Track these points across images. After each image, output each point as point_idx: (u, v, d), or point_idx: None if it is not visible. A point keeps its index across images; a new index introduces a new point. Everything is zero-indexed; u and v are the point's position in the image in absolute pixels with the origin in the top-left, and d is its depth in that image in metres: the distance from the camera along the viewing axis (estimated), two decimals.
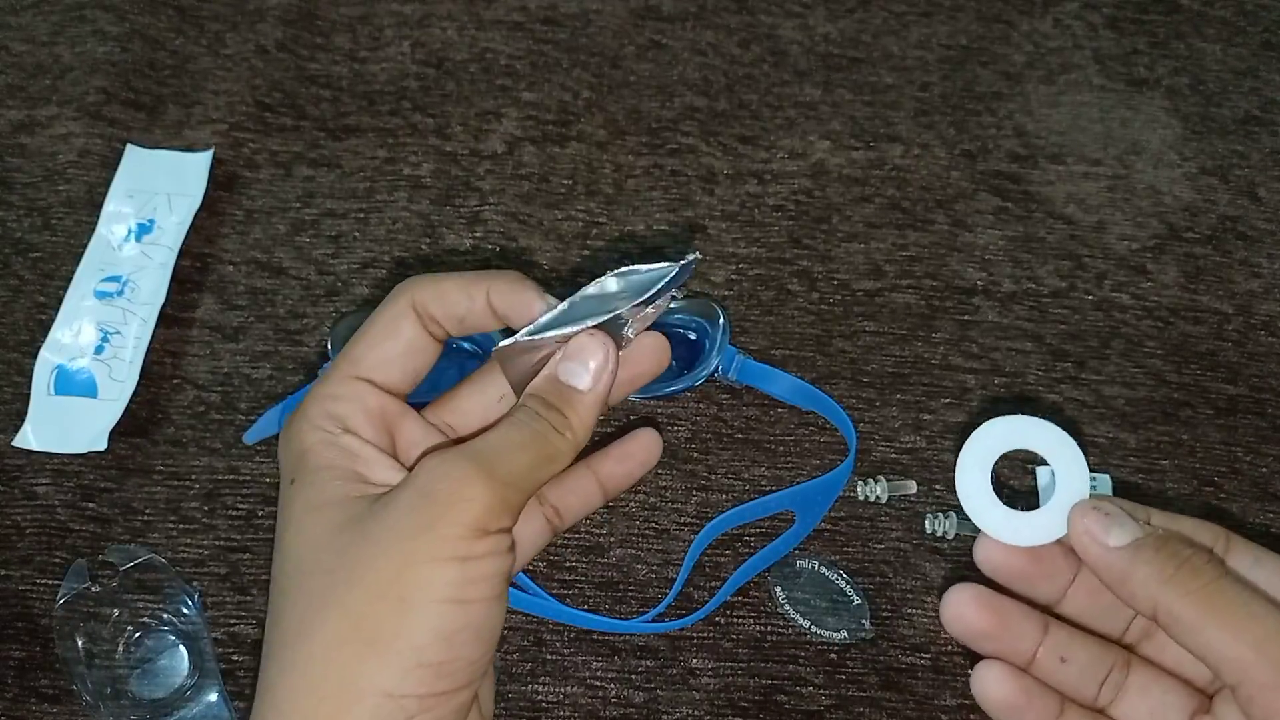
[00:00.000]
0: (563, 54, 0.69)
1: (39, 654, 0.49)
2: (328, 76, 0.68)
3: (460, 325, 0.34)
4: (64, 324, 0.57)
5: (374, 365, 0.33)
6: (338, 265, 0.60)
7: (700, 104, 0.67)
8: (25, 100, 0.65)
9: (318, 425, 0.32)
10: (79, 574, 0.50)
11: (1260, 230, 0.64)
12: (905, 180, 0.65)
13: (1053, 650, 0.33)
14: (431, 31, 0.70)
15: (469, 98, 0.67)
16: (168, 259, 0.59)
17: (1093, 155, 0.66)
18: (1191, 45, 0.72)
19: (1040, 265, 0.62)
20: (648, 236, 0.62)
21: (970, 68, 0.70)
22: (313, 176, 0.63)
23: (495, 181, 0.64)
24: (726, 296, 0.60)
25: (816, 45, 0.70)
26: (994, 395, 0.57)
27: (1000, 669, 0.33)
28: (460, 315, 0.33)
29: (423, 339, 0.33)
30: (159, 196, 0.61)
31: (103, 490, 0.53)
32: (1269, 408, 0.57)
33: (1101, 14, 0.73)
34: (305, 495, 0.31)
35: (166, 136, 0.64)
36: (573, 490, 0.39)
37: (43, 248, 0.60)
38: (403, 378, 0.33)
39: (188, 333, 0.58)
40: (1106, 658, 0.34)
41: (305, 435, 0.32)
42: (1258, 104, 0.69)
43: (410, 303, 0.33)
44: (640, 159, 0.65)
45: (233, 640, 0.50)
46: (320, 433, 0.32)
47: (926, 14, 0.72)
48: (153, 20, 0.69)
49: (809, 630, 0.50)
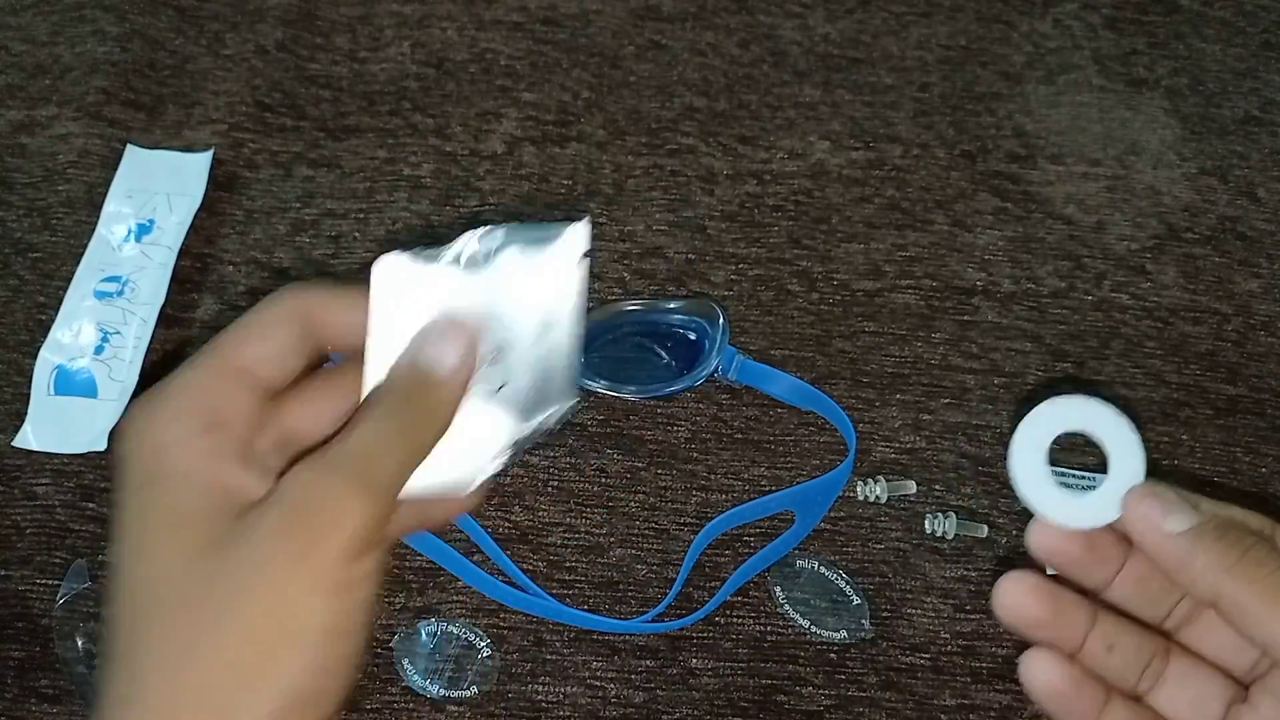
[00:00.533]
0: (562, 54, 0.69)
1: (39, 654, 0.49)
2: (328, 77, 0.68)
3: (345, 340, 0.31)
4: (64, 324, 0.57)
5: (249, 359, 0.29)
6: (338, 266, 0.60)
7: (700, 104, 0.67)
8: (25, 100, 0.65)
9: (178, 419, 0.28)
10: (79, 574, 0.50)
11: (1260, 230, 0.64)
12: (905, 181, 0.65)
13: (1100, 639, 0.33)
14: (431, 32, 0.70)
15: (469, 98, 0.67)
16: (168, 259, 0.59)
17: (1092, 155, 0.66)
18: (1191, 45, 0.72)
19: (1040, 265, 0.62)
20: (647, 236, 0.62)
21: (970, 68, 0.70)
22: (313, 177, 0.63)
23: (495, 182, 0.64)
24: (726, 297, 0.60)
25: (816, 46, 0.70)
26: (993, 395, 0.57)
27: (1049, 657, 0.32)
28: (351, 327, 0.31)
29: (305, 344, 0.30)
30: (159, 197, 0.61)
31: (103, 490, 0.53)
32: (1268, 408, 0.57)
33: (1101, 14, 0.73)
34: (158, 508, 0.28)
35: (166, 137, 0.64)
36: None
37: (42, 248, 0.60)
38: (274, 378, 0.30)
39: (188, 333, 0.58)
40: (1149, 646, 0.34)
41: (161, 431, 0.28)
42: (1257, 104, 0.69)
43: (298, 305, 0.30)
44: (640, 159, 0.65)
45: None
46: (179, 428, 0.28)
47: (926, 14, 0.72)
48: (152, 20, 0.69)
49: (809, 630, 0.50)
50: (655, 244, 0.62)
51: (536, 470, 0.54)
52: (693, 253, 0.61)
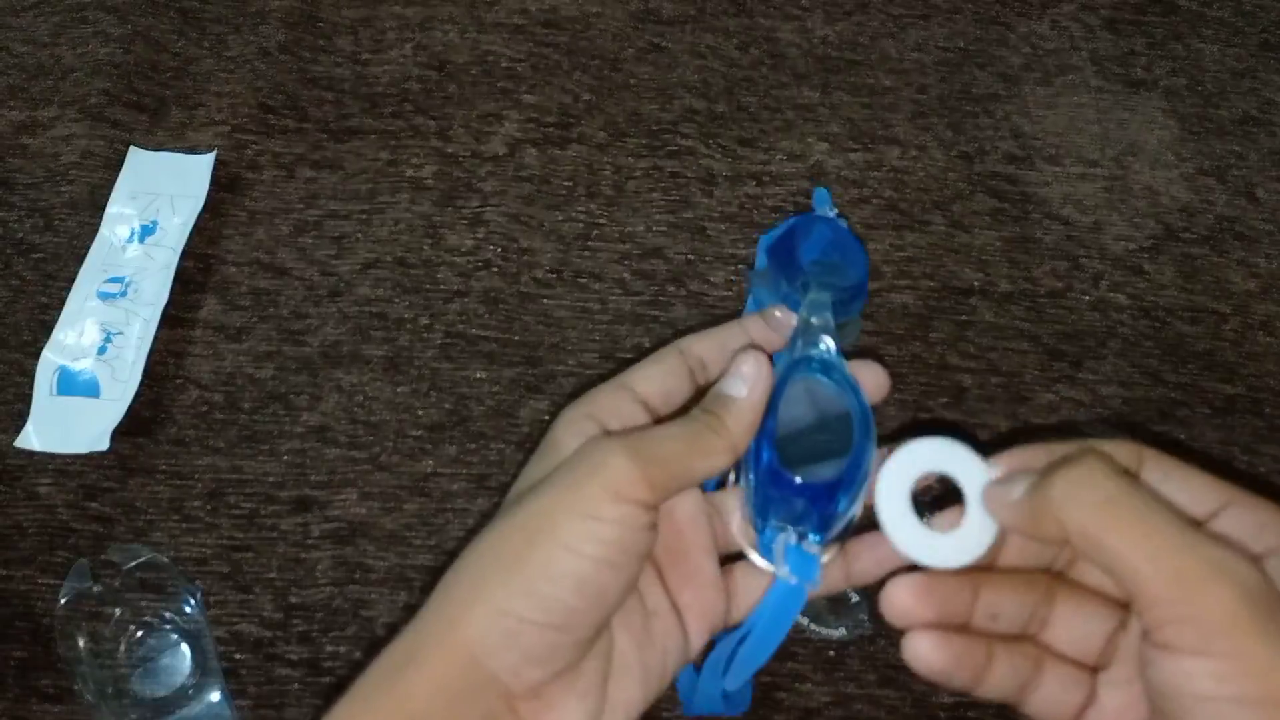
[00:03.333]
0: (563, 57, 0.70)
1: (41, 654, 0.49)
2: (330, 78, 0.68)
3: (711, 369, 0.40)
4: (67, 325, 0.57)
5: (639, 384, 0.38)
6: (340, 266, 0.61)
7: (699, 106, 0.68)
8: (27, 101, 0.66)
9: (577, 415, 0.37)
10: (81, 573, 0.50)
11: (1258, 230, 0.64)
12: (903, 182, 0.65)
13: (984, 610, 0.35)
14: (433, 34, 0.70)
15: (470, 100, 0.67)
16: (170, 260, 0.59)
17: (1090, 156, 0.66)
18: (1189, 46, 0.72)
19: (1037, 266, 0.62)
20: (647, 237, 0.62)
21: (967, 70, 0.70)
22: (315, 178, 0.64)
23: (497, 183, 0.64)
24: (725, 297, 0.60)
25: (815, 48, 0.71)
26: (990, 395, 0.57)
27: (929, 639, 0.34)
28: (717, 358, 0.40)
29: (685, 378, 0.39)
30: (162, 198, 0.61)
31: (105, 490, 0.53)
32: (1266, 407, 0.57)
33: (1099, 15, 0.73)
34: (538, 462, 0.36)
35: (169, 138, 0.65)
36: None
37: (45, 249, 0.60)
38: (659, 402, 0.38)
39: (191, 333, 0.58)
40: (1032, 600, 0.35)
41: (567, 426, 0.37)
42: (1255, 104, 0.69)
43: (678, 347, 0.39)
44: (640, 161, 0.65)
45: (235, 639, 0.50)
46: (577, 427, 0.37)
47: (924, 16, 0.73)
48: (155, 22, 0.69)
49: (808, 627, 0.50)
50: (655, 245, 0.62)
51: None
52: (692, 253, 0.62)
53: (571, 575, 0.33)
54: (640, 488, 0.33)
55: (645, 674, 0.36)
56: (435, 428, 0.56)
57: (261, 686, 0.49)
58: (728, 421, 0.36)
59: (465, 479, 0.54)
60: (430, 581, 0.51)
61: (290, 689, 0.49)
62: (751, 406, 0.36)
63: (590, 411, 0.37)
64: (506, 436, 0.56)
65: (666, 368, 0.39)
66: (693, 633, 0.37)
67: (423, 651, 0.33)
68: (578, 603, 0.33)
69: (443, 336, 0.58)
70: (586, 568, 0.33)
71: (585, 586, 0.33)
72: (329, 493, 0.54)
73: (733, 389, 0.37)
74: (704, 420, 0.36)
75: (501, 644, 0.32)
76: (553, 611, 0.32)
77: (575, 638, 0.33)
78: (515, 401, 0.57)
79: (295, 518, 0.53)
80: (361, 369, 0.57)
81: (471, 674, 0.32)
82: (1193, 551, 0.29)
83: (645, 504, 0.34)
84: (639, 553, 0.34)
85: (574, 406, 0.38)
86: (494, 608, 0.32)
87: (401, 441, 0.55)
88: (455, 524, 0.53)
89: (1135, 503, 0.31)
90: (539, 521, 0.33)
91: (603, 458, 0.34)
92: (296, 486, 0.54)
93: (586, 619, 0.33)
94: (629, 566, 0.34)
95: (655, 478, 0.34)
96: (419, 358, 0.58)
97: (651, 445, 0.34)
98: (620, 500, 0.33)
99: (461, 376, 0.57)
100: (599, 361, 0.58)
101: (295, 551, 0.52)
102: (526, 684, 0.33)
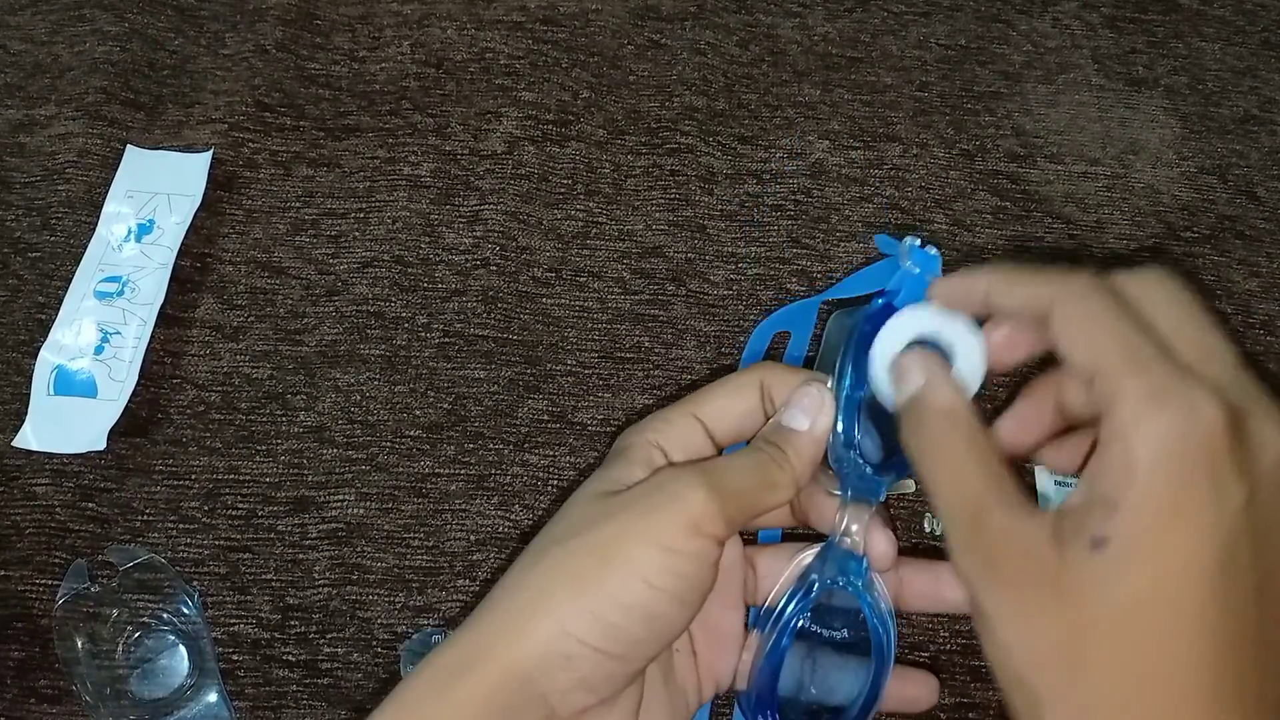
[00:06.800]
0: (562, 54, 0.69)
1: (38, 654, 0.49)
2: (327, 76, 0.68)
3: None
4: (64, 324, 0.57)
5: (709, 412, 0.37)
6: (338, 265, 0.60)
7: (699, 104, 0.67)
8: (24, 100, 0.65)
9: (643, 440, 0.36)
10: (79, 574, 0.50)
11: (1259, 230, 0.64)
12: (904, 180, 0.65)
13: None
14: (431, 31, 0.70)
15: (469, 97, 0.67)
16: (167, 259, 0.59)
17: (1091, 155, 0.66)
18: (1190, 44, 0.72)
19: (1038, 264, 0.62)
20: (647, 236, 0.62)
21: (969, 67, 0.70)
22: (312, 176, 0.63)
23: (495, 181, 0.64)
24: (725, 296, 0.60)
25: (815, 45, 0.70)
26: (991, 393, 0.57)
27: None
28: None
29: (757, 408, 0.38)
30: (159, 197, 0.61)
31: (102, 490, 0.53)
32: None
33: (1100, 13, 0.73)
34: (605, 475, 0.36)
35: (166, 136, 0.64)
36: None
37: (42, 248, 0.60)
38: (727, 431, 0.37)
39: (188, 332, 0.58)
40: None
41: (632, 441, 0.37)
42: (1256, 103, 0.69)
43: (760, 378, 0.38)
44: (639, 158, 0.65)
45: (232, 640, 0.50)
46: (645, 454, 0.36)
47: (925, 14, 0.72)
48: (152, 20, 0.69)
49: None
50: (655, 243, 0.62)
51: (536, 470, 0.54)
52: (692, 252, 0.61)
53: (642, 607, 0.32)
54: (718, 522, 0.33)
55: (671, 709, 0.36)
56: (433, 428, 0.55)
57: (259, 687, 0.49)
58: (790, 456, 0.36)
59: (463, 479, 0.54)
60: (428, 582, 0.51)
61: (288, 690, 0.49)
62: (814, 440, 0.36)
63: (658, 433, 0.37)
64: (505, 436, 0.55)
65: (745, 408, 0.38)
66: (704, 681, 0.38)
67: (480, 661, 0.32)
68: (643, 634, 0.32)
69: (441, 336, 0.58)
70: (660, 601, 0.32)
71: (654, 621, 0.32)
72: (326, 493, 0.54)
73: (794, 422, 0.36)
74: (770, 453, 0.36)
75: (558, 665, 0.32)
76: (617, 641, 0.32)
77: (630, 669, 0.33)
78: (514, 401, 0.56)
79: (292, 518, 0.53)
80: (359, 368, 0.57)
81: (522, 692, 0.32)
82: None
83: (719, 539, 0.33)
84: (705, 589, 0.34)
85: (646, 424, 0.37)
86: (558, 626, 0.32)
87: (399, 441, 0.55)
88: (453, 525, 0.53)
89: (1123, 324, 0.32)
90: (614, 546, 0.33)
91: (681, 489, 0.33)
92: (294, 487, 0.54)
93: (645, 651, 0.33)
94: (695, 604, 0.34)
95: (730, 512, 0.34)
96: (417, 357, 0.58)
97: (726, 479, 0.34)
98: (698, 534, 0.33)
99: (459, 376, 0.57)
100: (598, 361, 0.58)
101: (293, 552, 0.52)
102: (572, 708, 0.32)
